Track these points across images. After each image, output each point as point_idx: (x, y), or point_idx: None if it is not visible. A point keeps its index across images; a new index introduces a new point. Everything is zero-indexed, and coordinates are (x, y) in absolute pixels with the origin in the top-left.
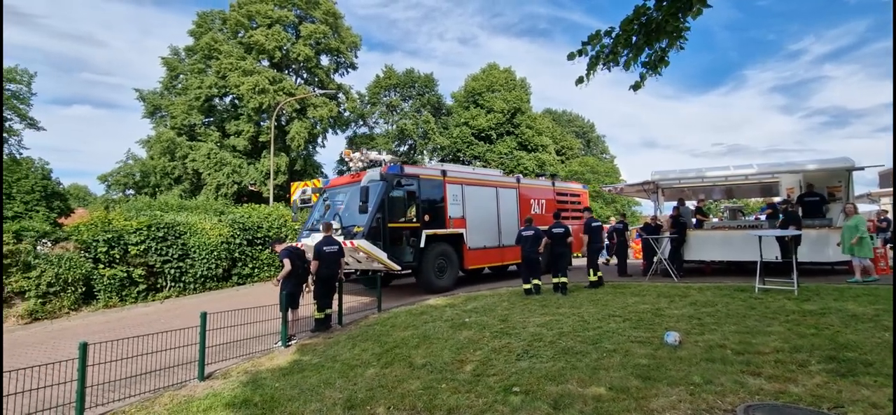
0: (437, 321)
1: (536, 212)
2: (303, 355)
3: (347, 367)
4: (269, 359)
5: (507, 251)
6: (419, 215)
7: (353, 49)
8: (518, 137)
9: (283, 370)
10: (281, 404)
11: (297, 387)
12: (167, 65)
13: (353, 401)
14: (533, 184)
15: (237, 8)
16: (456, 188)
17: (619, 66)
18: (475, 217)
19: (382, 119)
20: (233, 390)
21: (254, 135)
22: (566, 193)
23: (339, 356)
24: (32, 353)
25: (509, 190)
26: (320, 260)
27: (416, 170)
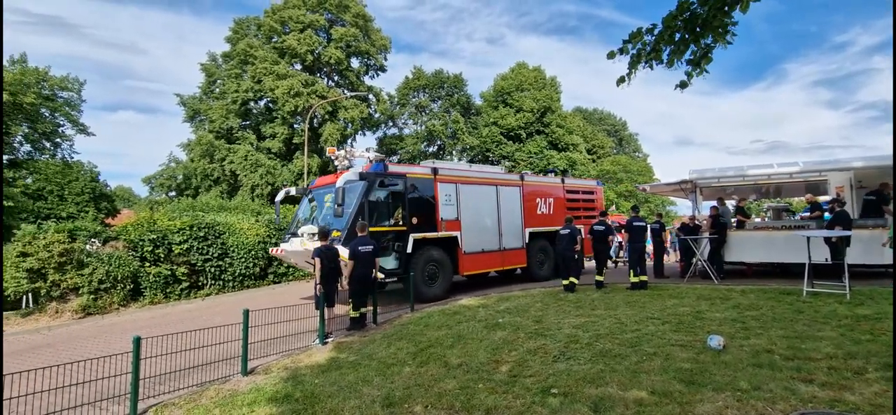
0: (471, 322)
1: (543, 211)
2: (340, 353)
3: (384, 365)
4: (307, 356)
5: (510, 255)
6: (406, 218)
7: (382, 51)
8: (548, 136)
9: (322, 367)
10: (321, 400)
11: (335, 384)
12: (206, 71)
13: (391, 399)
14: (539, 182)
15: (271, 14)
16: (449, 188)
17: (662, 64)
18: (472, 219)
19: (412, 120)
20: (274, 385)
21: (288, 137)
22: (578, 191)
23: (375, 355)
24: (87, 346)
25: (512, 188)
26: (356, 260)
27: (401, 168)
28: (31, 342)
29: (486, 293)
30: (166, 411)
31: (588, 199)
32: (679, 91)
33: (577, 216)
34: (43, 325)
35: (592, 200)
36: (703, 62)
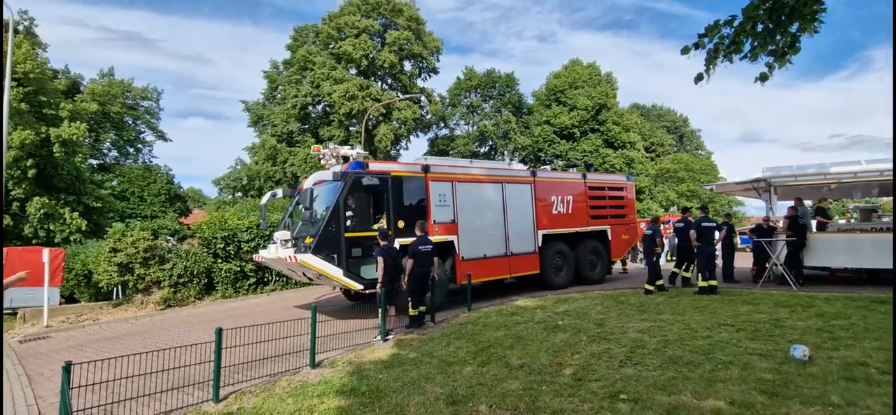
0: (529, 323)
1: (560, 211)
2: (401, 350)
3: (444, 363)
4: (370, 351)
5: (520, 261)
6: (390, 222)
7: (434, 53)
8: (603, 134)
9: (384, 363)
10: (386, 395)
11: (399, 380)
12: (268, 77)
13: (455, 397)
14: (555, 178)
15: (328, 21)
16: (443, 187)
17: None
18: (472, 221)
19: (463, 120)
20: (341, 378)
21: (343, 139)
22: (603, 187)
23: (435, 353)
24: (169, 335)
25: (521, 186)
26: (415, 259)
27: (385, 166)
28: (123, 330)
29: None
30: (244, 398)
31: (616, 196)
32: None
33: (604, 216)
34: (131, 315)
35: (621, 197)
36: (790, 52)
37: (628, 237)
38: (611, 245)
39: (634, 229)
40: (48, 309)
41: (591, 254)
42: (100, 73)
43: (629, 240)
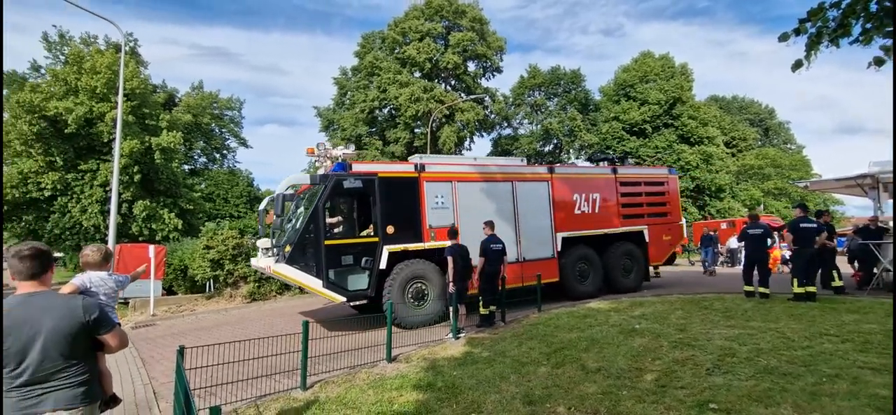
0: (604, 326)
1: (584, 211)
2: (473, 348)
3: (518, 363)
4: (442, 349)
5: (535, 267)
6: (379, 227)
7: (498, 53)
8: (678, 129)
9: (458, 361)
10: (462, 391)
11: (473, 377)
12: (338, 84)
13: (531, 397)
14: (578, 173)
15: (393, 27)
16: (441, 187)
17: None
18: (475, 224)
19: (527, 119)
20: (417, 374)
21: (409, 141)
22: (638, 182)
23: (508, 352)
24: (256, 326)
25: (536, 184)
26: (487, 257)
27: (372, 167)
28: (216, 320)
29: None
30: (328, 387)
31: (655, 192)
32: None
33: (640, 215)
34: (221, 307)
35: (662, 193)
36: None
37: (671, 238)
38: (649, 248)
39: (679, 229)
40: (153, 299)
41: (623, 258)
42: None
43: (672, 241)
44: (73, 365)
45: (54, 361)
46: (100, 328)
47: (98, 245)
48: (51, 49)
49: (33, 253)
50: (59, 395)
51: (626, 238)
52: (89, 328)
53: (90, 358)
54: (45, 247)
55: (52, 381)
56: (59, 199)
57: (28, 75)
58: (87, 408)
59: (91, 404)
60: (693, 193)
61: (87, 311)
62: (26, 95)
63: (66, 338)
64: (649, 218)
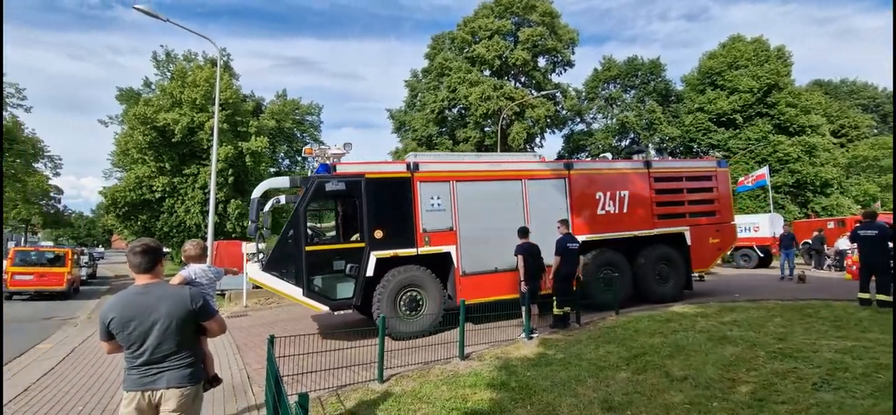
0: (689, 331)
1: (609, 211)
2: (547, 349)
3: (595, 367)
4: (515, 348)
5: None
6: (365, 232)
7: (570, 46)
8: (774, 118)
9: (531, 361)
10: (536, 393)
11: (548, 379)
12: (409, 86)
13: (610, 403)
14: (602, 168)
15: (462, 26)
16: (437, 188)
17: None
18: (477, 227)
19: (601, 114)
20: (490, 372)
21: (479, 140)
22: (678, 176)
23: (584, 355)
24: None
25: (550, 182)
26: (563, 257)
27: (358, 167)
28: (298, 313)
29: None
30: (403, 381)
31: (700, 188)
32: None
33: (680, 215)
34: None
35: (708, 189)
36: None
37: (719, 240)
38: (691, 252)
39: (730, 231)
40: (246, 292)
41: (658, 264)
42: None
43: (721, 244)
44: (183, 348)
45: (169, 344)
46: (204, 315)
47: (197, 240)
48: (159, 67)
49: (145, 249)
50: (171, 374)
51: (663, 241)
52: (196, 315)
53: (195, 343)
54: (156, 243)
55: (167, 362)
56: (167, 200)
57: (141, 91)
58: (195, 387)
59: (197, 384)
60: (793, 188)
61: (194, 299)
62: (140, 109)
63: (178, 324)
64: (692, 218)
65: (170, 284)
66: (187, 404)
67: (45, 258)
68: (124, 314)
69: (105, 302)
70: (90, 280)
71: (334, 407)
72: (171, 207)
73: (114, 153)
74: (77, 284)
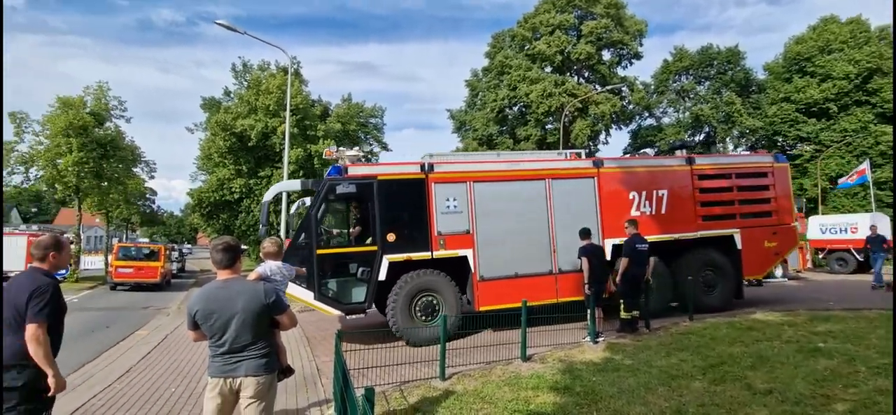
0: (774, 341)
1: (645, 212)
2: (614, 354)
3: (667, 375)
4: (579, 352)
5: (572, 280)
6: (377, 234)
7: (637, 37)
8: (876, 107)
9: (597, 366)
10: (603, 399)
11: (614, 385)
12: (469, 86)
13: (684, 414)
14: (636, 166)
15: (523, 23)
16: (453, 189)
17: None
18: (496, 230)
19: (672, 107)
20: (553, 375)
21: (540, 138)
22: (727, 173)
23: (654, 362)
24: None
25: (577, 181)
26: (631, 258)
27: (370, 169)
28: None
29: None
30: (465, 380)
31: (753, 186)
32: None
33: (729, 216)
34: None
35: (763, 187)
36: None
37: (776, 244)
38: (742, 256)
39: (789, 233)
40: None
41: (703, 270)
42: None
43: (778, 248)
44: (259, 340)
45: (246, 335)
46: (276, 309)
47: (274, 238)
48: (237, 77)
49: (226, 247)
50: (249, 363)
51: (709, 244)
52: (269, 309)
53: (270, 335)
54: (235, 241)
55: (245, 351)
56: (245, 200)
57: (222, 100)
58: (270, 376)
59: (272, 374)
60: None
61: (268, 294)
62: (221, 116)
63: (254, 317)
64: (743, 219)
65: (247, 280)
66: (263, 392)
67: (143, 253)
68: (207, 307)
69: (191, 295)
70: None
71: (398, 402)
72: (248, 207)
73: (198, 157)
74: (169, 277)
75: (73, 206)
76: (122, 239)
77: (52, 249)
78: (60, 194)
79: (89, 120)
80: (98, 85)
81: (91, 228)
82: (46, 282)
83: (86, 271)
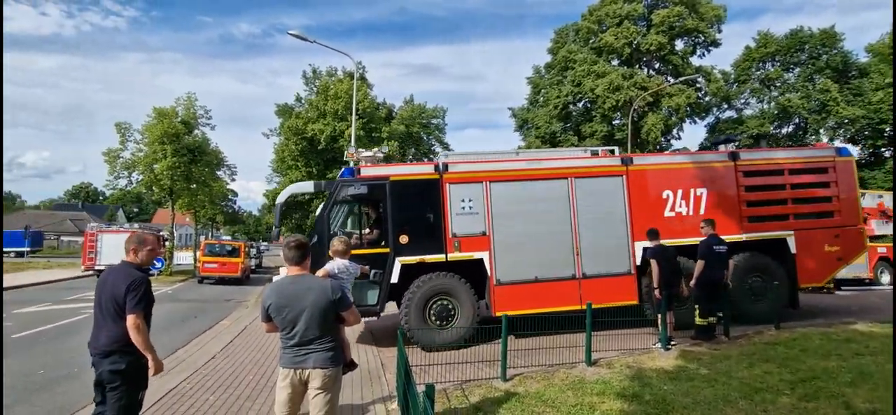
0: (877, 355)
1: (680, 212)
2: (688, 363)
3: (749, 388)
4: (649, 358)
5: (598, 286)
6: (390, 236)
7: (714, 24)
8: None
9: (669, 374)
10: (675, 409)
11: (688, 396)
12: (531, 83)
13: None
14: (670, 163)
15: (588, 16)
16: (469, 189)
17: None
18: (514, 231)
19: (755, 97)
20: (620, 381)
21: (607, 134)
22: (777, 170)
23: (734, 373)
24: None
25: (603, 180)
26: (706, 260)
27: (383, 170)
28: None
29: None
30: (527, 382)
31: (810, 183)
32: None
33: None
34: None
35: (824, 184)
36: None
37: (838, 248)
38: (796, 262)
39: (855, 236)
40: None
41: (750, 276)
42: (404, 100)
43: (842, 253)
44: (326, 334)
45: (314, 329)
46: (342, 306)
47: (342, 237)
48: (307, 83)
49: (297, 244)
50: (317, 356)
51: (756, 248)
52: (335, 305)
53: (335, 330)
54: (305, 239)
55: (313, 344)
56: (314, 201)
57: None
58: (336, 369)
59: (338, 367)
60: None
61: (335, 291)
62: (292, 122)
63: (322, 311)
64: (799, 220)
65: (315, 277)
66: (329, 385)
67: (225, 250)
68: (279, 301)
69: (266, 289)
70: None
71: (459, 400)
72: (317, 208)
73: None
74: (248, 272)
75: (168, 206)
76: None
77: (136, 243)
78: (157, 196)
79: (180, 128)
80: (187, 96)
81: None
82: (140, 276)
83: (178, 266)
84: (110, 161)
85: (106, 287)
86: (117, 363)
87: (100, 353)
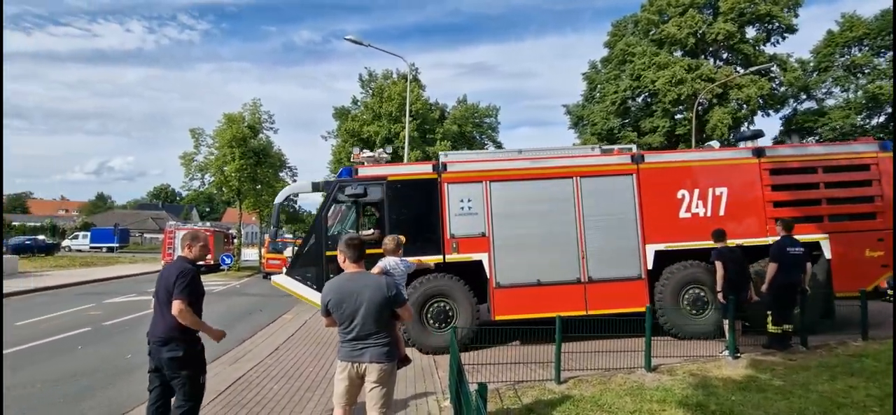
0: None
1: (697, 214)
2: (759, 373)
3: (831, 403)
4: (716, 367)
5: (605, 291)
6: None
7: (790, 8)
8: None
9: (737, 384)
10: None
11: (759, 408)
12: (587, 79)
13: None
14: (687, 160)
15: (648, 7)
16: (468, 189)
17: None
18: (516, 233)
19: (838, 86)
20: (683, 389)
21: (669, 129)
22: (810, 167)
23: (812, 386)
24: None
25: (612, 179)
26: (780, 263)
27: (381, 170)
28: None
29: None
30: (581, 385)
31: (847, 182)
32: None
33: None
34: None
35: (867, 183)
36: None
37: (883, 254)
38: (832, 268)
39: None
40: None
41: None
42: (457, 100)
43: (886, 258)
44: (382, 329)
45: (371, 324)
46: (397, 302)
47: (394, 236)
48: (363, 86)
49: (357, 243)
50: (373, 351)
51: None
52: (390, 301)
53: (391, 326)
54: (362, 238)
55: (369, 339)
56: None
57: (350, 109)
58: (391, 364)
59: (393, 362)
60: None
61: (389, 288)
62: (349, 124)
63: (377, 308)
64: (834, 223)
65: (370, 274)
66: (385, 379)
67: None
68: (338, 296)
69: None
70: None
71: (512, 401)
72: None
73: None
74: None
75: (236, 206)
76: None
77: (190, 240)
78: (226, 196)
79: (247, 132)
80: (253, 101)
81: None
82: (189, 268)
83: (245, 262)
84: (186, 164)
85: (162, 280)
86: (175, 351)
87: (158, 341)
